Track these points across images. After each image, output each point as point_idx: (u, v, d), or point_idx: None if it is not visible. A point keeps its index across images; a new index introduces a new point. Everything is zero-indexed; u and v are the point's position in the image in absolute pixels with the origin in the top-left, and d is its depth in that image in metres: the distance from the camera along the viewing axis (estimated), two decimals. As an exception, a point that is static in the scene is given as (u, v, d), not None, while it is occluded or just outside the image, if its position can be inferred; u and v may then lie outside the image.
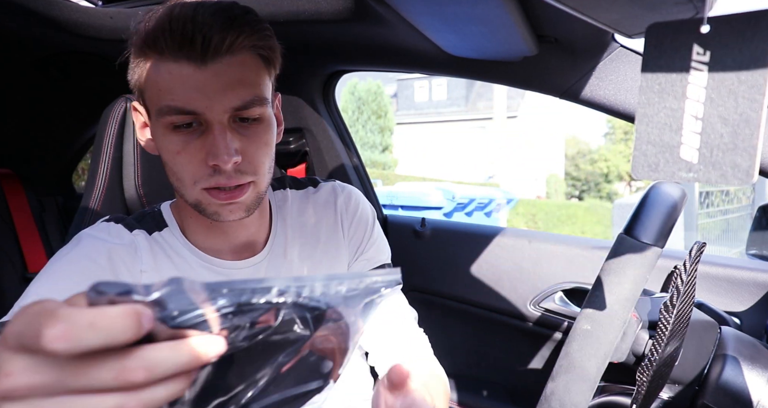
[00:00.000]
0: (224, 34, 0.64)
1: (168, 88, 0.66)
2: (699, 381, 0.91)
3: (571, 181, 27.53)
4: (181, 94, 0.65)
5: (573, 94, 1.11)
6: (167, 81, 0.66)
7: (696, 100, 0.39)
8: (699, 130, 0.39)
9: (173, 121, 0.67)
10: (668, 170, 0.40)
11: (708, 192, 6.85)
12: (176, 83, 0.65)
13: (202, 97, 0.65)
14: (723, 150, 0.37)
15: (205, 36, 0.63)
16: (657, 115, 0.40)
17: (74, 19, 1.25)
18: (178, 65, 0.65)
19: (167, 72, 0.65)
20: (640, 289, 0.75)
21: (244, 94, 0.67)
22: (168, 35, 0.64)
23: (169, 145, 0.69)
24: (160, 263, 0.77)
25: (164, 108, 0.66)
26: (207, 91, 0.65)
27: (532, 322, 1.45)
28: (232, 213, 0.72)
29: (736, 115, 0.37)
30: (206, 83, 0.65)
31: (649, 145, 0.41)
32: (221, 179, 0.69)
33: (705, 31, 0.38)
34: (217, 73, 0.65)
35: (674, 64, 0.39)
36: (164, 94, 0.66)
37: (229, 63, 0.66)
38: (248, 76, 0.68)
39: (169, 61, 0.65)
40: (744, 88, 0.37)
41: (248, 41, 0.67)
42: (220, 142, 0.66)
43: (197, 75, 0.65)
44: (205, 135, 0.68)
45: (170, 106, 0.66)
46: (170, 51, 0.65)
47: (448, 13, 0.90)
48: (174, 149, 0.69)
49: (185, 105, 0.65)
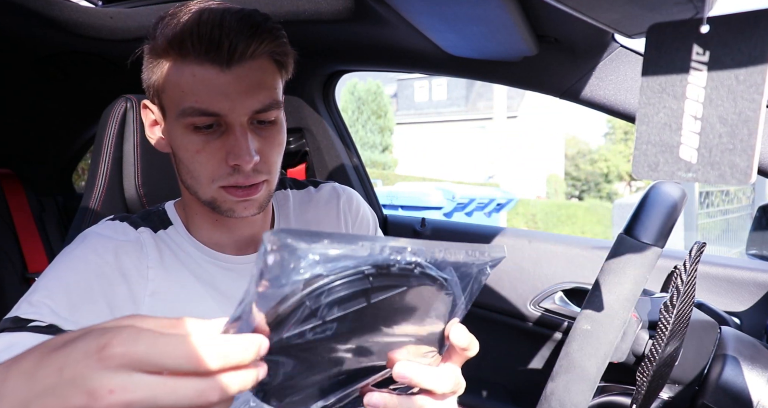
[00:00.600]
0: (249, 40, 0.67)
1: (191, 90, 0.68)
2: (699, 381, 0.91)
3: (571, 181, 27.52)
4: (204, 97, 0.68)
5: (573, 94, 1.11)
6: (190, 83, 0.68)
7: (695, 100, 0.39)
8: (698, 130, 0.39)
9: (194, 122, 0.70)
10: (668, 170, 0.40)
11: (708, 192, 6.85)
12: (200, 86, 0.67)
13: (225, 99, 0.68)
14: (722, 150, 0.38)
15: (231, 41, 0.66)
16: (657, 115, 0.40)
17: (74, 19, 1.25)
18: (203, 68, 0.67)
19: (191, 74, 0.68)
20: (640, 289, 0.75)
21: (264, 98, 0.70)
22: (195, 39, 0.66)
23: (189, 145, 0.71)
24: (166, 260, 0.79)
25: (187, 109, 0.69)
26: (230, 93, 0.68)
27: (532, 322, 1.45)
28: (246, 209, 0.75)
29: (734, 115, 0.37)
30: (229, 86, 0.68)
31: (649, 145, 0.41)
32: (239, 178, 0.72)
33: (705, 31, 0.38)
34: (240, 77, 0.68)
35: (674, 65, 0.39)
36: (187, 95, 0.68)
37: (250, 67, 0.69)
38: (267, 80, 0.71)
39: (193, 63, 0.67)
40: (743, 88, 0.37)
41: (268, 47, 0.70)
42: (242, 143, 0.69)
43: (221, 78, 0.67)
44: (225, 136, 0.71)
45: (194, 108, 0.68)
46: (196, 54, 0.67)
47: (448, 13, 0.90)
48: (194, 149, 0.71)
49: (209, 107, 0.68)
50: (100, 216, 0.97)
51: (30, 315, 0.66)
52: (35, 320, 0.65)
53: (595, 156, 28.54)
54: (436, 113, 24.08)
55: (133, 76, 0.81)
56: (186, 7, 0.70)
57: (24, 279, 1.75)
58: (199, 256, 0.80)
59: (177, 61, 0.68)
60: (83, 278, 0.70)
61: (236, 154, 0.69)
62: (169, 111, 0.72)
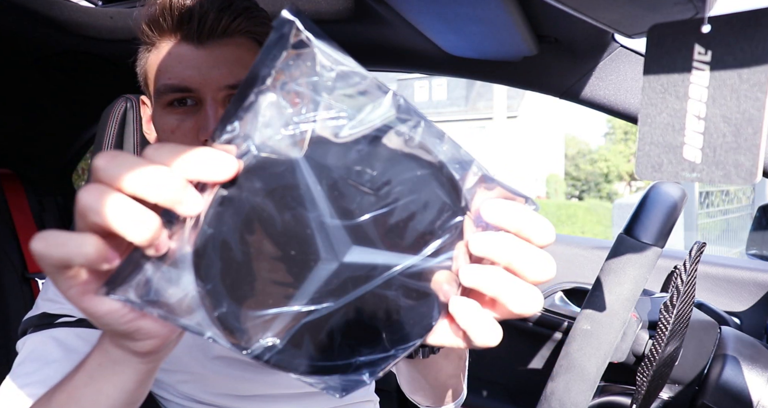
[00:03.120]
0: (220, 14, 0.67)
1: (166, 67, 0.68)
2: (699, 381, 0.91)
3: (571, 181, 27.52)
4: (177, 73, 0.67)
5: (573, 94, 1.11)
6: (166, 61, 0.68)
7: (698, 100, 0.39)
8: (702, 129, 0.38)
9: (168, 99, 0.69)
10: (672, 170, 0.40)
11: (708, 192, 6.85)
12: (174, 62, 0.67)
13: (197, 74, 0.67)
14: (726, 150, 0.37)
15: (201, 16, 0.66)
16: (660, 115, 0.40)
17: (74, 19, 1.25)
18: (177, 46, 0.67)
19: (167, 53, 0.68)
20: (640, 289, 0.75)
21: (239, 74, 0.68)
22: (168, 15, 0.66)
23: (164, 125, 0.70)
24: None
25: (161, 87, 0.68)
26: (201, 68, 0.67)
27: (532, 322, 1.45)
28: None
29: (738, 114, 0.37)
30: (201, 61, 0.67)
31: (652, 145, 0.41)
32: None
33: (706, 30, 0.38)
34: (213, 52, 0.67)
35: (676, 65, 0.39)
36: (162, 73, 0.68)
37: (226, 44, 0.68)
38: (244, 57, 0.69)
39: (169, 41, 0.68)
40: (746, 87, 0.37)
41: (244, 25, 0.69)
42: (211, 116, 0.67)
43: (193, 53, 0.67)
44: (199, 113, 0.69)
45: (166, 85, 0.68)
46: (170, 30, 0.67)
47: (448, 13, 0.90)
48: (169, 128, 0.70)
49: (180, 82, 0.67)
50: (100, 216, 0.96)
51: (56, 310, 0.68)
52: (64, 316, 0.67)
53: (595, 156, 28.54)
54: (436, 113, 24.07)
55: (133, 76, 0.81)
56: None
57: (24, 279, 1.75)
58: None
59: (156, 44, 0.69)
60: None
61: (205, 127, 0.67)
62: (153, 97, 0.72)
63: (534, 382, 1.48)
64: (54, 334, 0.65)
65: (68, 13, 1.23)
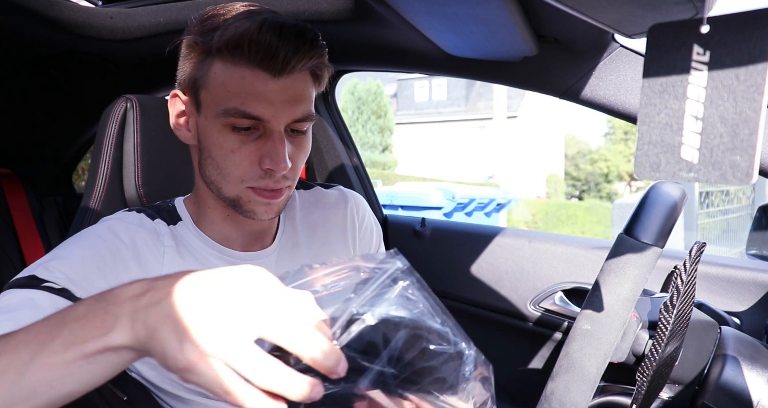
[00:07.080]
0: (302, 55, 0.71)
1: (238, 92, 0.71)
2: (699, 381, 0.91)
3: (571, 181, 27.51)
4: (250, 100, 0.71)
5: (573, 94, 1.11)
6: (239, 85, 0.71)
7: (696, 100, 0.39)
8: (699, 130, 0.39)
9: (235, 123, 0.73)
10: (669, 170, 0.40)
11: (708, 192, 6.85)
12: (248, 89, 0.71)
13: (269, 106, 0.71)
14: (723, 150, 0.38)
15: (287, 54, 0.70)
16: (658, 115, 0.40)
17: (74, 19, 1.25)
18: (253, 73, 0.71)
19: (240, 77, 0.71)
20: (640, 289, 0.75)
21: (303, 109, 0.74)
22: (254, 45, 0.69)
23: (224, 143, 0.74)
24: (180, 250, 0.82)
25: (231, 110, 0.72)
26: (275, 101, 0.71)
27: (532, 322, 1.45)
28: (267, 213, 0.79)
29: (735, 114, 0.37)
30: (275, 95, 0.71)
31: (650, 145, 0.41)
32: (270, 182, 0.76)
33: (705, 31, 0.38)
34: (286, 86, 0.72)
35: (675, 65, 0.39)
36: (233, 96, 0.71)
37: (295, 79, 0.73)
38: (307, 92, 0.75)
39: (244, 67, 0.71)
40: (743, 88, 0.37)
41: (310, 63, 0.73)
42: (280, 150, 0.73)
43: (269, 85, 0.71)
44: (261, 139, 0.74)
45: (238, 109, 0.71)
46: (250, 59, 0.70)
47: (448, 13, 0.90)
48: (228, 147, 0.74)
49: (253, 111, 0.71)
50: (100, 216, 0.96)
51: (45, 276, 0.69)
52: (50, 282, 0.68)
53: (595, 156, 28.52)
54: (436, 113, 24.08)
55: (133, 76, 0.81)
56: (231, 9, 0.73)
57: (24, 279, 1.75)
58: (208, 251, 0.83)
59: (227, 62, 0.71)
60: (98, 253, 0.74)
61: (273, 159, 0.73)
62: (207, 107, 0.75)
63: (534, 382, 1.48)
64: (33, 294, 0.65)
65: (68, 13, 1.23)
